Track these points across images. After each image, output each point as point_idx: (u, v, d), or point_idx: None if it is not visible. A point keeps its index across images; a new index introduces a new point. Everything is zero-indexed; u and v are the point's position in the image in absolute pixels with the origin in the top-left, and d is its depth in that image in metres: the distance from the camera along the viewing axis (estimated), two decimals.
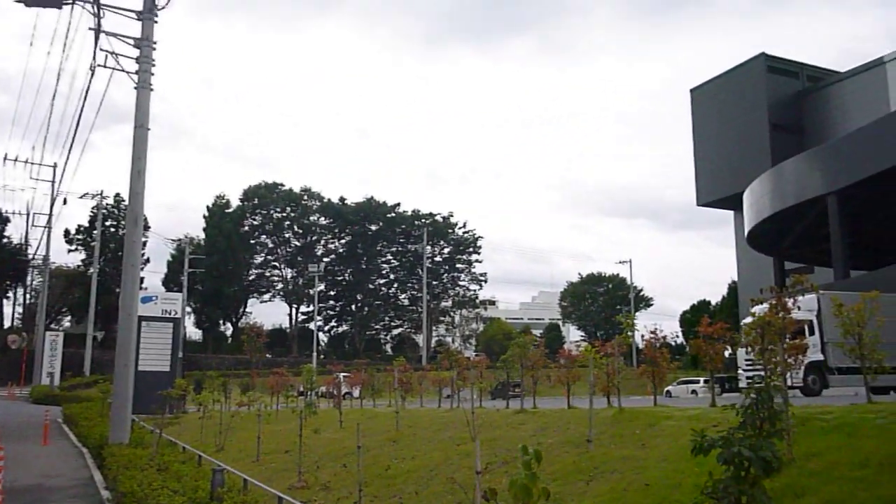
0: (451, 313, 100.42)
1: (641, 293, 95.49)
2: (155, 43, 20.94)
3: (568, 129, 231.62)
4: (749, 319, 12.80)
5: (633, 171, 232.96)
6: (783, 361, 11.09)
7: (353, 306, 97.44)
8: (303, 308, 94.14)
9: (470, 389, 20.52)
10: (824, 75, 66.44)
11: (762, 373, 12.46)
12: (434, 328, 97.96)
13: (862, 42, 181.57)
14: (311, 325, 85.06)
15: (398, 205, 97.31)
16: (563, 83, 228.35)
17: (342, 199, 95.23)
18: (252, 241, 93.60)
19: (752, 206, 45.23)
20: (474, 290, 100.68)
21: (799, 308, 14.45)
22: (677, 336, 76.17)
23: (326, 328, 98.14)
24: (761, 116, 62.35)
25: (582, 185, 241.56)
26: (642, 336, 18.24)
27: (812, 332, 25.69)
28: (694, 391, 46.14)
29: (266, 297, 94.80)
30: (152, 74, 20.81)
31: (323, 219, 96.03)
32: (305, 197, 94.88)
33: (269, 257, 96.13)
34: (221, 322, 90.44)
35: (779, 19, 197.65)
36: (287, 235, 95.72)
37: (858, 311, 13.13)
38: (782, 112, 63.19)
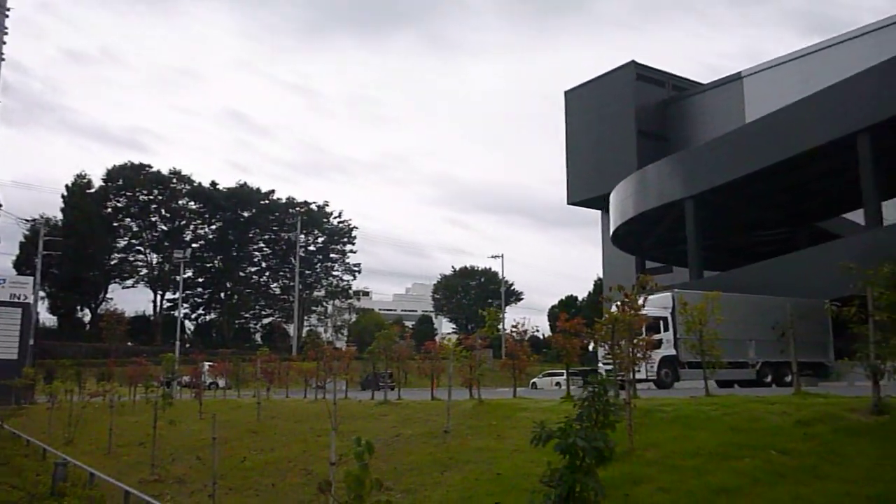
0: (324, 303, 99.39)
1: (512, 287, 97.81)
2: (9, 10, 19.60)
3: (448, 125, 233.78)
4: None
5: (511, 168, 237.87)
6: (630, 356, 11.63)
7: (223, 294, 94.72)
8: (168, 295, 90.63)
9: (334, 380, 20.37)
10: (688, 86, 70.10)
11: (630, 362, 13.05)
12: (306, 318, 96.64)
13: (725, 58, 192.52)
14: (177, 313, 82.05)
15: (272, 192, 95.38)
16: (444, 79, 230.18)
17: (214, 184, 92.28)
18: (115, 224, 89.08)
19: (618, 207, 47.24)
20: (348, 281, 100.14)
21: (645, 306, 15.18)
22: (537, 329, 77.92)
23: (193, 316, 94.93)
24: (629, 122, 65.07)
25: (459, 180, 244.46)
26: (511, 330, 18.69)
27: (667, 329, 27.02)
28: (558, 383, 47.63)
29: (129, 282, 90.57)
30: (4, 43, 19.49)
31: (193, 203, 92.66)
32: (174, 180, 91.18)
33: (134, 241, 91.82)
34: (79, 308, 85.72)
35: (651, 31, 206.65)
36: (154, 219, 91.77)
37: (700, 309, 13.97)
38: (649, 118, 66.23)
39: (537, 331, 25.75)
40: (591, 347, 18.52)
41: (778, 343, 17.41)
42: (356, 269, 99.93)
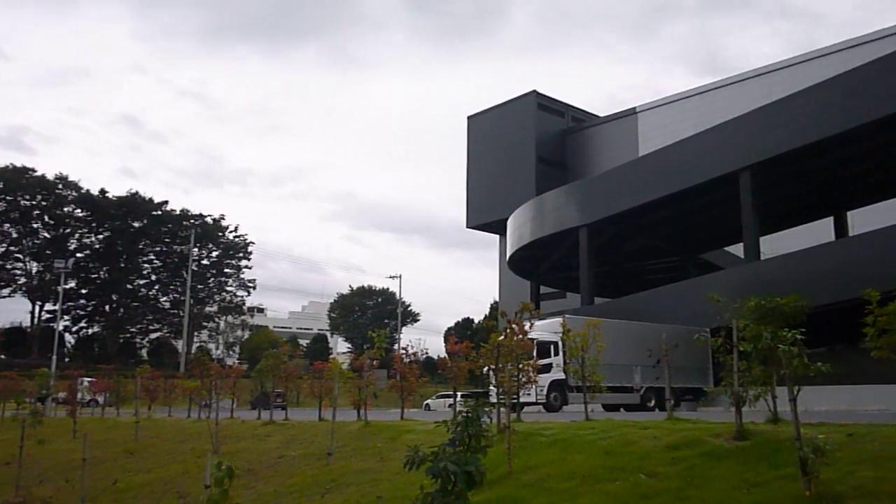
0: (216, 319, 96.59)
1: (409, 308, 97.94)
2: None
3: (350, 140, 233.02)
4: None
5: (412, 188, 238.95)
6: (514, 380, 11.82)
7: (108, 307, 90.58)
8: (48, 306, 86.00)
9: (216, 399, 19.82)
10: (587, 117, 72.44)
11: (513, 386, 13.23)
12: (196, 334, 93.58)
13: (625, 90, 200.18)
14: (56, 325, 77.92)
15: (166, 202, 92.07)
16: (347, 94, 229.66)
17: (103, 192, 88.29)
18: None
19: (515, 232, 48.13)
20: (242, 297, 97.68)
21: (536, 330, 15.47)
22: (426, 352, 77.97)
23: (74, 329, 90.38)
24: (529, 149, 66.60)
25: (360, 196, 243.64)
26: (401, 351, 18.67)
27: (557, 353, 27.58)
28: (451, 405, 47.87)
29: (5, 291, 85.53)
30: None
31: (79, 211, 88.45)
32: (60, 185, 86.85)
33: (12, 248, 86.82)
34: None
35: (554, 59, 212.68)
36: (36, 226, 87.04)
37: (583, 336, 14.37)
38: (548, 147, 67.98)
39: (426, 353, 25.83)
40: (485, 370, 18.73)
41: (659, 369, 18.10)
42: (251, 284, 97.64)
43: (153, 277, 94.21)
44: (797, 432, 7.58)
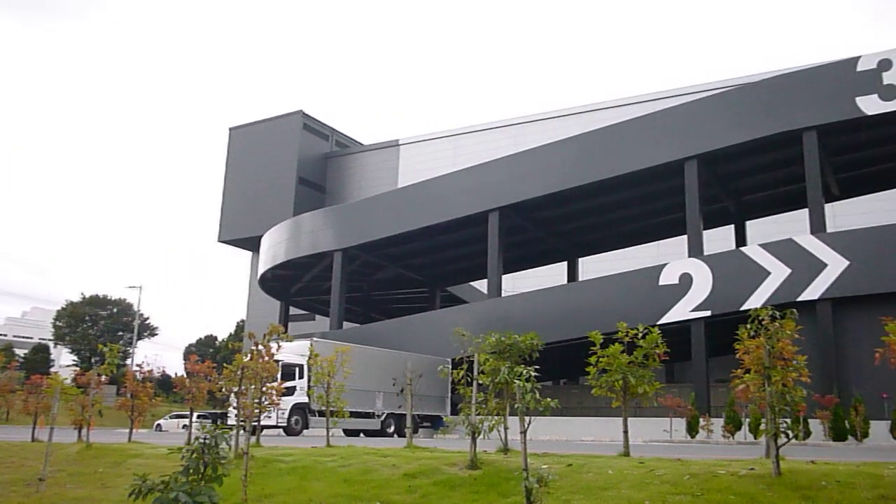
0: None
1: (148, 321, 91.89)
2: None
3: (72, 148, 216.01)
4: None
5: (160, 195, 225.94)
6: (255, 403, 11.46)
7: None
8: None
9: None
10: (351, 143, 73.18)
11: (255, 410, 12.76)
12: None
13: (383, 117, 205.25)
14: None
15: None
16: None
17: None
18: None
19: (269, 250, 47.10)
20: None
21: (282, 352, 15.17)
22: (161, 369, 73.78)
23: None
24: (291, 168, 65.90)
25: (99, 199, 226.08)
26: (135, 368, 17.38)
27: (302, 376, 27.23)
28: (185, 426, 45.46)
29: None
30: None
31: None
32: None
33: None
34: None
35: (316, 87, 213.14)
36: None
37: (331, 361, 14.33)
38: (310, 168, 67.73)
39: (162, 370, 24.35)
40: (225, 392, 17.99)
41: (400, 396, 18.49)
42: None
43: None
44: (525, 463, 8.07)
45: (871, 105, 28.34)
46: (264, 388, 12.77)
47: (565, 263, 46.42)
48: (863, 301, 26.53)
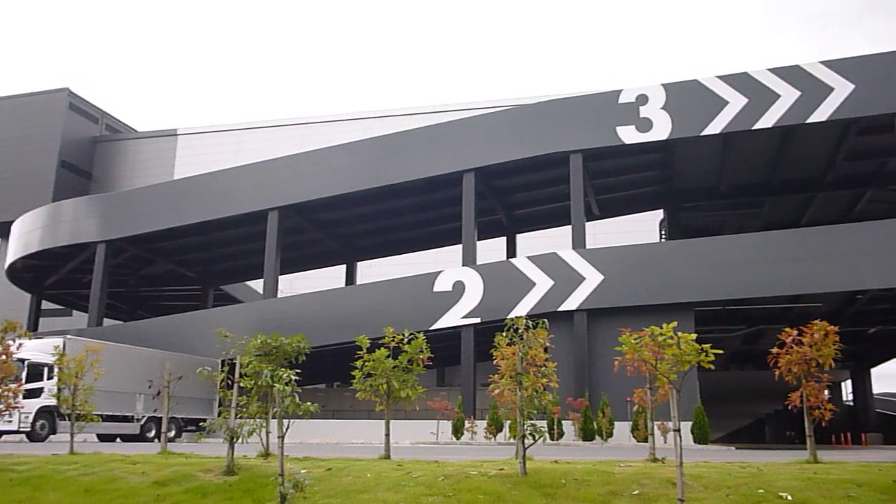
0: None
1: None
2: None
3: None
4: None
5: None
6: None
7: None
8: None
9: None
10: (124, 129, 68.54)
11: None
12: None
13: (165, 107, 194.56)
14: None
15: None
16: None
17: None
18: None
19: (21, 237, 42.75)
20: None
21: (28, 350, 13.81)
22: None
23: None
24: (53, 150, 60.54)
25: None
26: None
27: (51, 377, 24.98)
28: None
29: None
30: None
31: None
32: None
33: None
34: None
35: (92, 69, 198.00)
36: None
37: (80, 360, 13.23)
38: (76, 152, 62.58)
39: None
40: None
41: (157, 398, 17.42)
42: None
43: None
44: (281, 468, 7.92)
45: (629, 135, 31.17)
46: (1, 390, 11.53)
47: (344, 267, 46.53)
48: (613, 312, 28.98)
